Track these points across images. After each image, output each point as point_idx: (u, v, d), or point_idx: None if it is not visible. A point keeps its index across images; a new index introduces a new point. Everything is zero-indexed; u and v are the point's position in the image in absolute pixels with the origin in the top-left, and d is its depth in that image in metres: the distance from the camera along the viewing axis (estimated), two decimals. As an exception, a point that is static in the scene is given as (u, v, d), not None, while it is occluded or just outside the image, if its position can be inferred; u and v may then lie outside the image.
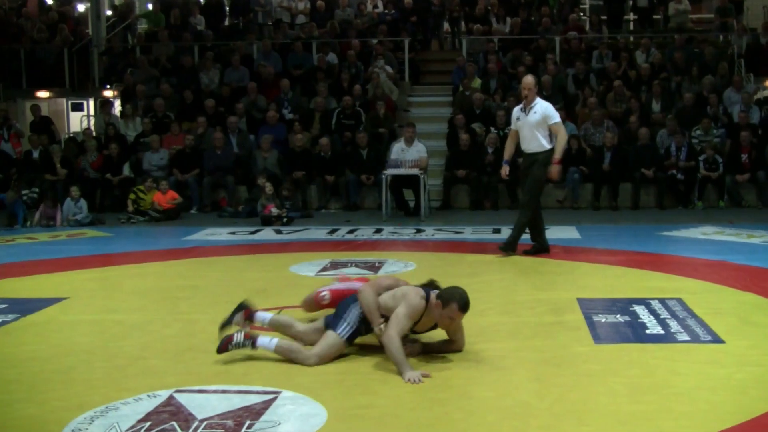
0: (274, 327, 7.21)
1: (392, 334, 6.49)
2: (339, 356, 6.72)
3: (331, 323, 6.83)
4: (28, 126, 20.23)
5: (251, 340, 6.65)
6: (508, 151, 11.94)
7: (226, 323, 7.10)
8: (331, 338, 6.68)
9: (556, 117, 11.49)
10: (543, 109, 11.46)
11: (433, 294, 6.68)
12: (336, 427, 5.42)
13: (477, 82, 19.82)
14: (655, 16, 23.67)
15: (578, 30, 22.49)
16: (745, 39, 21.66)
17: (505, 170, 11.91)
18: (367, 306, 6.68)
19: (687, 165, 17.05)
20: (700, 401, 5.81)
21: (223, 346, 6.67)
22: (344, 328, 6.69)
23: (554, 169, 11.43)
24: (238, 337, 6.65)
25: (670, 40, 21.74)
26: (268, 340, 6.72)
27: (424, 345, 6.91)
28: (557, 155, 11.37)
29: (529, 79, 11.66)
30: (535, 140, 11.41)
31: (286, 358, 6.68)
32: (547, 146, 11.44)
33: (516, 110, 11.78)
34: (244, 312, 7.16)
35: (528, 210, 11.60)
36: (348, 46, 21.32)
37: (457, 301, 6.53)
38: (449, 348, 6.92)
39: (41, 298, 9.27)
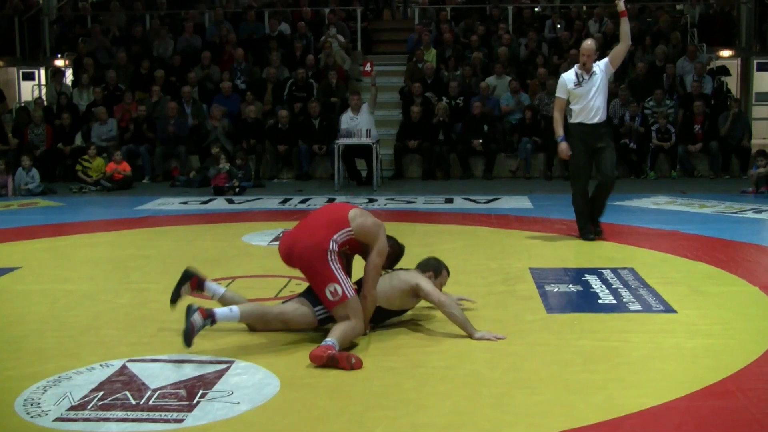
0: (227, 304, 6.68)
1: (444, 300, 6.62)
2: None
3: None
4: None
5: (210, 318, 6.20)
6: (560, 125, 10.58)
7: (175, 296, 6.81)
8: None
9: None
10: (603, 65, 10.46)
11: (411, 272, 6.80)
12: (288, 395, 5.42)
13: (432, 54, 19.76)
14: (608, -15, 23.73)
15: (531, -1, 22.53)
16: (697, 9, 21.79)
17: (565, 149, 10.56)
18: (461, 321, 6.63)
19: (640, 132, 17.15)
20: (651, 370, 5.85)
21: (189, 337, 6.10)
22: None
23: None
24: (197, 320, 6.17)
25: (623, 10, 21.77)
26: (227, 311, 6.37)
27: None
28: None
29: (589, 44, 10.52)
30: (602, 108, 10.37)
31: (255, 321, 6.60)
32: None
33: (569, 78, 10.44)
34: (191, 281, 6.81)
35: (612, 185, 10.72)
36: (300, 15, 21.23)
37: (444, 268, 6.90)
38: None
39: (-9, 268, 9.19)
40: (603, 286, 8.15)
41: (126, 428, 4.95)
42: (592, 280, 8.39)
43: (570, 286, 8.19)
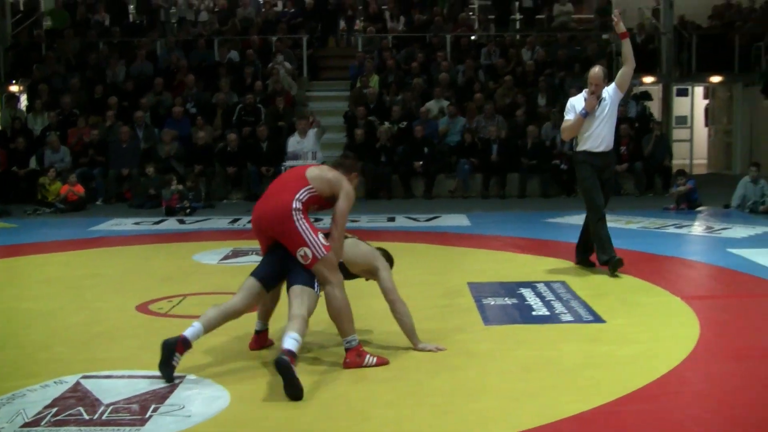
0: (211, 327, 6.26)
1: (398, 300, 6.61)
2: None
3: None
4: None
5: (185, 345, 5.88)
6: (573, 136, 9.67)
7: (170, 373, 5.91)
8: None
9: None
10: (611, 90, 9.43)
11: (375, 252, 6.83)
12: (238, 408, 5.38)
13: (375, 80, 19.80)
14: (539, 16, 23.93)
15: (468, 28, 22.64)
16: (622, 38, 22.02)
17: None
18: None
19: (569, 155, 17.31)
20: (583, 377, 5.88)
21: (171, 376, 5.84)
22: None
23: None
24: (177, 361, 5.90)
25: (554, 39, 22.01)
26: (192, 330, 5.99)
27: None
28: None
29: (596, 71, 9.37)
30: (609, 136, 9.40)
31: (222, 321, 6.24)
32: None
33: (577, 102, 9.46)
34: (177, 349, 5.95)
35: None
36: (249, 43, 21.19)
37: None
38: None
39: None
40: (537, 298, 8.20)
41: (80, 443, 4.89)
42: (526, 293, 8.43)
43: (506, 299, 8.22)
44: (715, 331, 7.04)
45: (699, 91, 24.87)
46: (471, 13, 24.38)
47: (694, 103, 24.59)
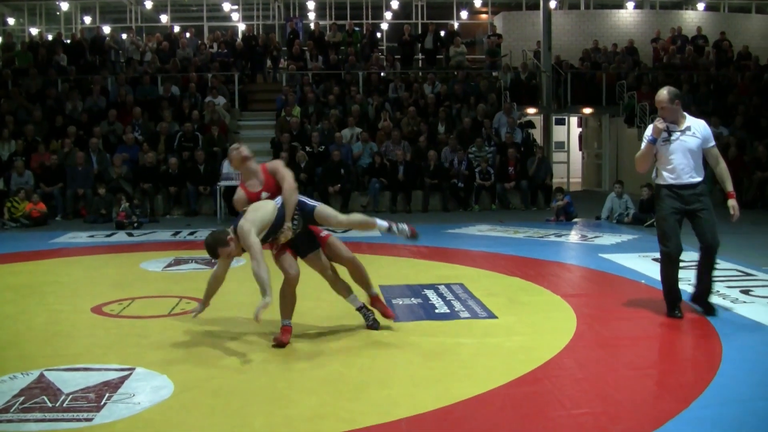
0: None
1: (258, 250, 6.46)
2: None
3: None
4: None
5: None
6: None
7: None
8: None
9: (713, 139, 7.37)
10: (703, 129, 7.28)
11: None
12: (181, 396, 5.33)
13: (297, 110, 19.76)
14: (438, 56, 24.13)
15: (377, 66, 22.74)
16: (509, 75, 22.36)
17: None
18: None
19: (465, 174, 17.48)
20: (478, 366, 5.92)
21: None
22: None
23: (734, 206, 7.32)
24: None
25: (452, 76, 22.22)
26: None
27: None
28: (730, 187, 7.36)
29: (662, 93, 7.23)
30: (697, 167, 7.23)
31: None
32: (703, 174, 7.33)
33: (653, 129, 7.26)
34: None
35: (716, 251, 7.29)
36: (188, 79, 21.05)
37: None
38: None
39: None
40: (439, 298, 8.23)
41: (44, 427, 4.84)
42: (430, 293, 8.47)
43: (412, 299, 8.24)
44: (589, 323, 7.13)
45: (574, 120, 25.33)
46: (380, 53, 24.45)
47: (570, 130, 25.04)
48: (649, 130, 7.36)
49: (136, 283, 9.52)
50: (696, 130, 7.26)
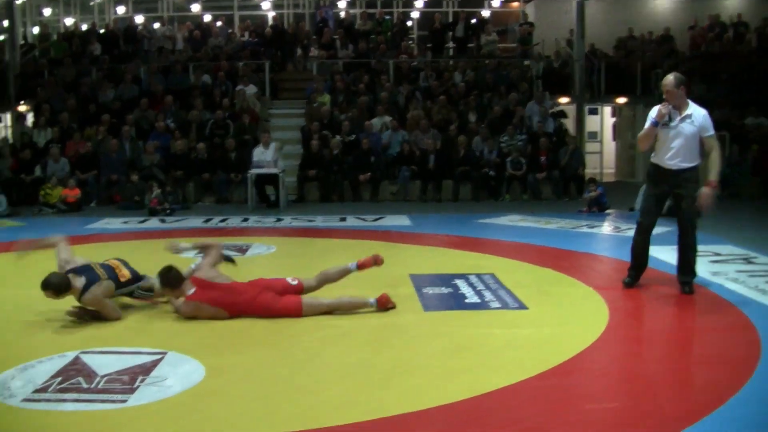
0: None
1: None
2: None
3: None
4: None
5: None
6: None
7: None
8: None
9: (712, 129, 7.66)
10: (701, 118, 7.63)
11: None
12: (211, 381, 5.40)
13: (327, 99, 19.79)
14: (469, 45, 24.04)
15: (408, 55, 22.69)
16: (541, 64, 22.24)
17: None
18: None
19: (496, 163, 17.43)
20: (508, 357, 5.91)
21: None
22: None
23: (707, 194, 7.49)
24: None
25: (482, 64, 22.12)
26: None
27: None
28: (713, 177, 7.56)
29: (668, 79, 7.77)
30: (689, 153, 7.64)
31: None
32: (697, 161, 7.71)
33: (657, 113, 7.84)
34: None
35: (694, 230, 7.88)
36: (219, 68, 21.14)
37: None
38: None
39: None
40: (469, 288, 8.21)
41: (80, 407, 4.96)
42: (460, 283, 8.44)
43: (442, 288, 8.22)
44: (622, 317, 7.10)
45: (607, 110, 25.10)
46: (411, 42, 24.40)
47: (604, 120, 24.82)
48: (653, 112, 7.88)
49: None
50: (695, 118, 7.67)
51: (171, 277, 7.07)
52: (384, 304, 7.25)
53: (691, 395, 5.14)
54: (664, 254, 9.66)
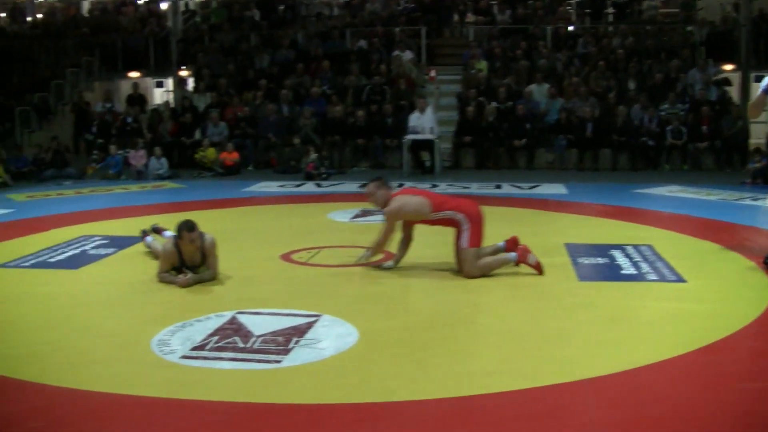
0: None
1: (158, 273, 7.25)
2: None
3: None
4: (125, 99, 20.74)
5: None
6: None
7: None
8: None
9: None
10: None
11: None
12: (364, 344, 5.46)
13: (483, 64, 19.69)
14: (629, 10, 23.41)
15: (566, 21, 22.30)
16: (705, 30, 21.46)
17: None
18: None
19: (656, 132, 16.99)
20: (663, 330, 5.80)
21: None
22: None
23: None
24: None
25: (643, 30, 21.51)
26: None
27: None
28: None
29: None
30: None
31: None
32: None
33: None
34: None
35: None
36: (375, 33, 21.30)
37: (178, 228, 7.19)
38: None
39: (133, 236, 9.30)
40: (626, 259, 8.08)
41: (236, 366, 5.06)
42: (616, 254, 8.31)
43: (598, 258, 8.12)
44: (785, 293, 6.84)
45: (775, 77, 24.02)
46: (569, 7, 23.94)
47: (771, 88, 23.77)
48: (765, 81, 7.86)
49: (324, 233, 9.78)
50: None
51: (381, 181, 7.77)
52: (523, 257, 7.38)
53: None
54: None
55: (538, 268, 7.37)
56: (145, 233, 8.62)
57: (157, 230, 8.73)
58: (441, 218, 7.44)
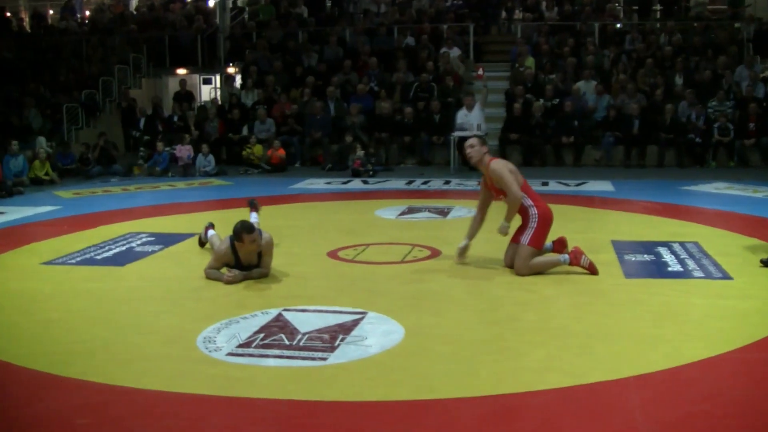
0: None
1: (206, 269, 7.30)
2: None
3: None
4: (172, 96, 20.95)
5: None
6: None
7: None
8: None
9: None
10: None
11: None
12: (410, 342, 5.47)
13: (531, 61, 19.61)
14: (677, 7, 23.17)
15: (613, 17, 22.13)
16: (752, 26, 21.15)
17: None
18: None
19: (703, 129, 16.82)
20: (710, 327, 5.76)
21: None
22: None
23: None
24: None
25: (690, 27, 21.28)
26: None
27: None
28: None
29: None
30: None
31: None
32: None
33: None
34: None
35: None
36: (422, 30, 21.29)
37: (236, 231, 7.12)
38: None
39: (179, 233, 9.42)
40: (672, 256, 8.03)
41: (281, 363, 5.07)
42: (663, 251, 8.26)
43: (644, 255, 8.07)
44: (834, 291, 6.76)
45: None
46: (616, 4, 23.74)
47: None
48: None
49: (370, 230, 9.82)
50: None
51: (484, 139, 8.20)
52: (577, 260, 7.30)
53: None
54: None
55: (592, 269, 7.31)
56: (210, 226, 8.60)
57: (254, 206, 8.99)
58: (522, 203, 7.57)
